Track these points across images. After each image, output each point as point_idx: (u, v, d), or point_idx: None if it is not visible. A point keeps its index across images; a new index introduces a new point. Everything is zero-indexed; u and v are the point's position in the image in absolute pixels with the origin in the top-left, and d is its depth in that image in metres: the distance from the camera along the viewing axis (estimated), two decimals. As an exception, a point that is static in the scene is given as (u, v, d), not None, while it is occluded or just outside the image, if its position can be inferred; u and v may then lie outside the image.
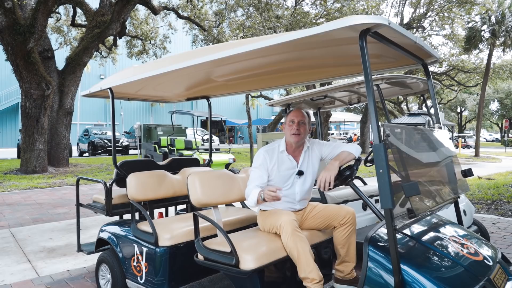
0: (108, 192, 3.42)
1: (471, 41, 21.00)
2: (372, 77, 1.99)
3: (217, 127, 35.70)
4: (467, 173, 2.31)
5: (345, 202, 3.99)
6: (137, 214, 3.19)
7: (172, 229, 2.82)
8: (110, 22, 13.64)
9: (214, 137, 20.36)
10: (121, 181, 3.49)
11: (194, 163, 4.13)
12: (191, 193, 2.63)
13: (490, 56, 21.57)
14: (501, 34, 20.94)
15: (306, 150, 2.69)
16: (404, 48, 2.10)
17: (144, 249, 2.83)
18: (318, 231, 2.68)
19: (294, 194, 2.64)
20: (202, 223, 2.62)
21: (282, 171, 2.62)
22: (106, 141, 21.97)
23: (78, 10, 17.23)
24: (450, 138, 2.46)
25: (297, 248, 2.24)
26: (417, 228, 2.09)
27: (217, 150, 13.18)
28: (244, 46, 2.05)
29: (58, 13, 20.12)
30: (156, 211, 3.87)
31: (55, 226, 5.82)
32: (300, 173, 2.64)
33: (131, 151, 23.45)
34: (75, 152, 23.33)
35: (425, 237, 2.01)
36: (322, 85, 13.27)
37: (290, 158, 2.65)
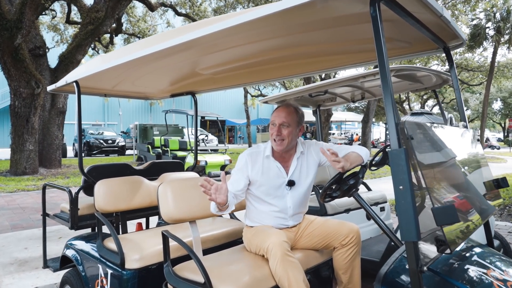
0: (74, 201, 2.97)
1: (476, 38, 20.51)
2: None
3: (217, 127, 35.22)
4: (501, 183, 1.84)
5: (347, 211, 3.56)
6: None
7: (143, 248, 2.37)
8: (104, 19, 13.19)
9: (212, 137, 19.93)
10: (89, 189, 3.04)
11: (177, 167, 3.67)
12: (162, 207, 2.18)
13: (494, 54, 21.06)
14: (506, 32, 20.43)
15: (300, 157, 2.22)
16: (423, 24, 1.65)
17: (109, 271, 2.38)
18: (315, 251, 2.23)
19: (285, 208, 2.18)
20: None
21: (271, 178, 2.17)
22: (102, 141, 21.56)
23: (74, 8, 16.79)
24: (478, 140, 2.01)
25: (288, 277, 1.80)
26: (442, 258, 1.60)
27: (215, 150, 12.72)
28: (230, 20, 1.56)
29: (54, 10, 19.69)
30: (135, 222, 3.43)
31: (34, 234, 5.38)
32: (291, 183, 2.17)
33: (128, 152, 23.01)
34: (70, 153, 22.89)
35: (455, 273, 1.50)
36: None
37: (277, 165, 2.18)
